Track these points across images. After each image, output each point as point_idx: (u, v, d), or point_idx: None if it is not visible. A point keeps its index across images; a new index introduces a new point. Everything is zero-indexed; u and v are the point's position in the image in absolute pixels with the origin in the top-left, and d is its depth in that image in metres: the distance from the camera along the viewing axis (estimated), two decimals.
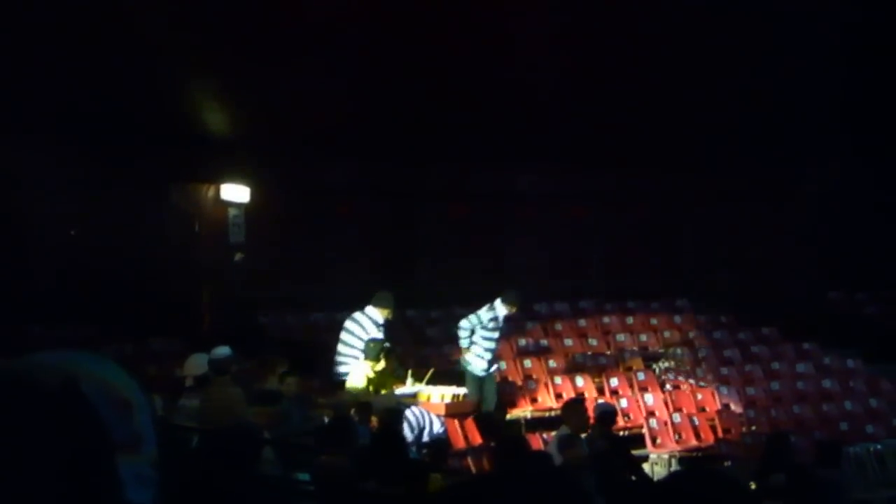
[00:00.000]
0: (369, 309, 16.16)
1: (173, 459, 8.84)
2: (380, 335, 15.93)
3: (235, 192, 19.62)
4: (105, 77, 17.30)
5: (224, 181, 19.60)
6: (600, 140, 20.79)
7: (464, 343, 16.82)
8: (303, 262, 19.69)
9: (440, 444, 13.27)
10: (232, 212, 19.69)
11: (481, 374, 16.80)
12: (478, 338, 16.73)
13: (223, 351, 13.27)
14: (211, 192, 19.72)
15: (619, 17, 20.10)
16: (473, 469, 15.38)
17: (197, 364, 13.83)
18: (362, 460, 8.81)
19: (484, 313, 16.85)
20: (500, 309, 16.83)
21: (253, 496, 7.76)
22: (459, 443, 16.04)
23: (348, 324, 16.28)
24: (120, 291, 17.59)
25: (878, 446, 18.07)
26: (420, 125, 19.64)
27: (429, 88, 19.73)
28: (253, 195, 19.66)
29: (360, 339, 15.97)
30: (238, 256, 19.70)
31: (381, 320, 16.11)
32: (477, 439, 16.26)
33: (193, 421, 12.31)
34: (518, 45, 19.50)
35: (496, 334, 16.89)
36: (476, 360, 16.71)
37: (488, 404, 16.71)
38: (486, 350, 16.77)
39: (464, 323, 16.89)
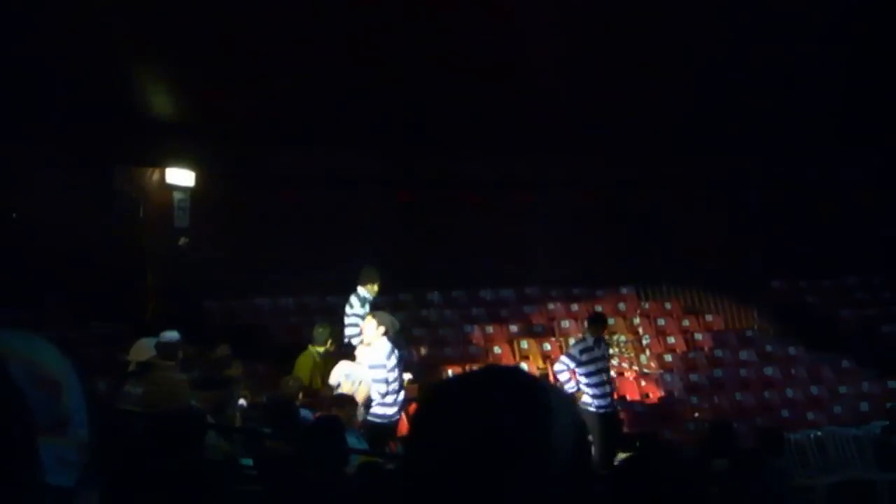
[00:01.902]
0: (359, 287, 16.04)
1: (117, 444, 8.81)
2: (362, 311, 15.81)
3: (181, 177, 19.51)
4: (49, 58, 17.13)
5: (169, 165, 19.48)
6: (545, 127, 20.82)
7: (571, 387, 16.02)
8: (248, 248, 19.60)
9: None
10: (177, 196, 19.58)
11: (594, 410, 15.85)
12: (580, 377, 16.05)
13: (171, 335, 13.18)
14: (156, 176, 19.60)
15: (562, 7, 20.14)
16: None
17: (145, 349, 13.74)
18: (303, 446, 8.81)
19: (573, 348, 16.39)
20: (590, 337, 16.31)
21: (196, 481, 7.74)
22: (403, 428, 16.04)
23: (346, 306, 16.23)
24: (63, 275, 17.45)
25: (819, 433, 18.23)
26: (366, 110, 19.61)
27: (375, 73, 19.70)
28: (198, 180, 19.56)
29: (355, 316, 15.87)
30: (183, 241, 19.60)
31: (369, 296, 15.98)
32: None
33: (138, 407, 12.24)
34: (459, 29, 19.52)
35: (593, 366, 16.04)
36: (588, 398, 15.93)
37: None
38: (590, 385, 15.97)
39: (558, 366, 16.33)
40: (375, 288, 16.08)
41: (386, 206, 21.23)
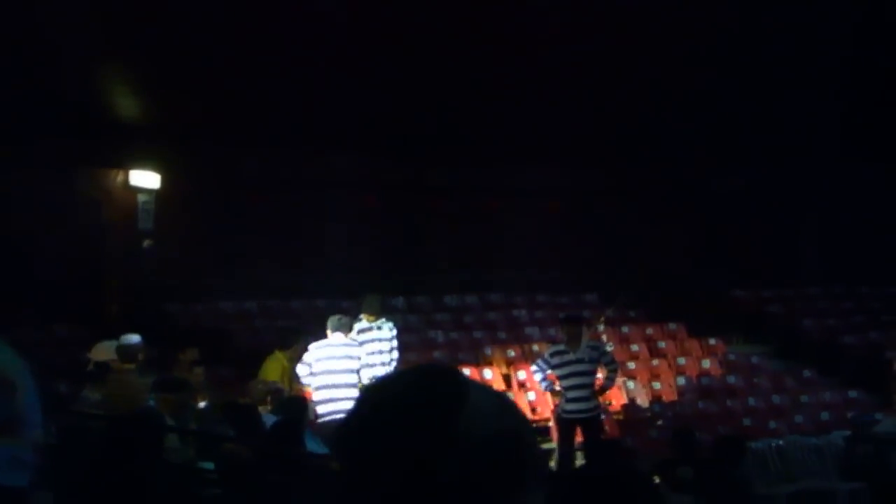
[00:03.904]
0: (361, 315, 15.79)
1: (75, 447, 8.75)
2: (358, 336, 15.58)
3: (145, 179, 19.44)
4: (12, 59, 17.06)
5: (133, 167, 19.41)
6: (512, 136, 20.87)
7: (546, 388, 15.98)
8: (212, 251, 19.55)
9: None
10: (141, 198, 19.51)
11: (562, 415, 15.59)
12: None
13: (132, 338, 13.12)
14: (120, 178, 19.52)
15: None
16: None
17: (105, 351, 13.68)
18: (264, 449, 8.79)
19: (547, 351, 16.08)
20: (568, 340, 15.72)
21: (156, 483, 7.71)
22: None
23: None
24: (25, 277, 17.36)
25: (780, 442, 18.30)
26: (334, 116, 19.59)
27: (345, 79, 19.69)
28: (163, 182, 19.49)
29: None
30: (147, 243, 19.53)
31: (364, 324, 15.66)
32: None
33: (97, 410, 12.17)
34: (428, 36, 19.53)
35: (562, 370, 15.54)
36: (563, 402, 15.59)
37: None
38: (565, 389, 15.52)
39: (532, 368, 16.22)
40: (369, 318, 15.73)
41: (351, 211, 21.22)
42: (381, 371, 15.43)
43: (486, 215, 22.21)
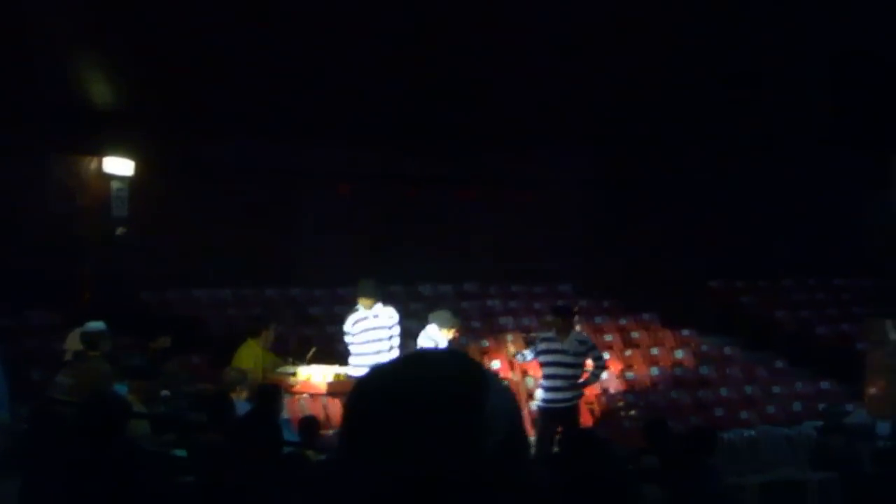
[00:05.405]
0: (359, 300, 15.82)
1: (45, 432, 8.74)
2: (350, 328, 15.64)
3: (119, 166, 19.37)
4: None
5: (107, 154, 19.34)
6: (487, 124, 20.88)
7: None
8: (186, 238, 19.50)
9: (310, 421, 13.27)
10: (115, 185, 19.44)
11: (540, 405, 15.70)
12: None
13: (96, 325, 13.12)
14: (93, 165, 19.45)
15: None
16: None
17: (79, 339, 13.69)
18: (236, 438, 8.80)
19: (538, 338, 16.15)
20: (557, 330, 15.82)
21: (125, 469, 7.70)
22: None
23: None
24: None
25: (752, 432, 18.40)
26: (309, 103, 19.57)
27: (319, 66, 19.67)
28: (137, 169, 19.43)
29: (347, 334, 15.79)
30: (120, 231, 19.47)
31: (363, 312, 15.76)
32: None
33: (67, 396, 12.17)
34: (402, 23, 19.52)
35: (545, 358, 15.69)
36: (541, 392, 15.71)
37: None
38: (546, 377, 15.69)
39: (518, 355, 16.38)
40: (365, 303, 15.79)
41: (326, 200, 21.20)
42: (384, 358, 15.39)
43: (460, 205, 22.21)
